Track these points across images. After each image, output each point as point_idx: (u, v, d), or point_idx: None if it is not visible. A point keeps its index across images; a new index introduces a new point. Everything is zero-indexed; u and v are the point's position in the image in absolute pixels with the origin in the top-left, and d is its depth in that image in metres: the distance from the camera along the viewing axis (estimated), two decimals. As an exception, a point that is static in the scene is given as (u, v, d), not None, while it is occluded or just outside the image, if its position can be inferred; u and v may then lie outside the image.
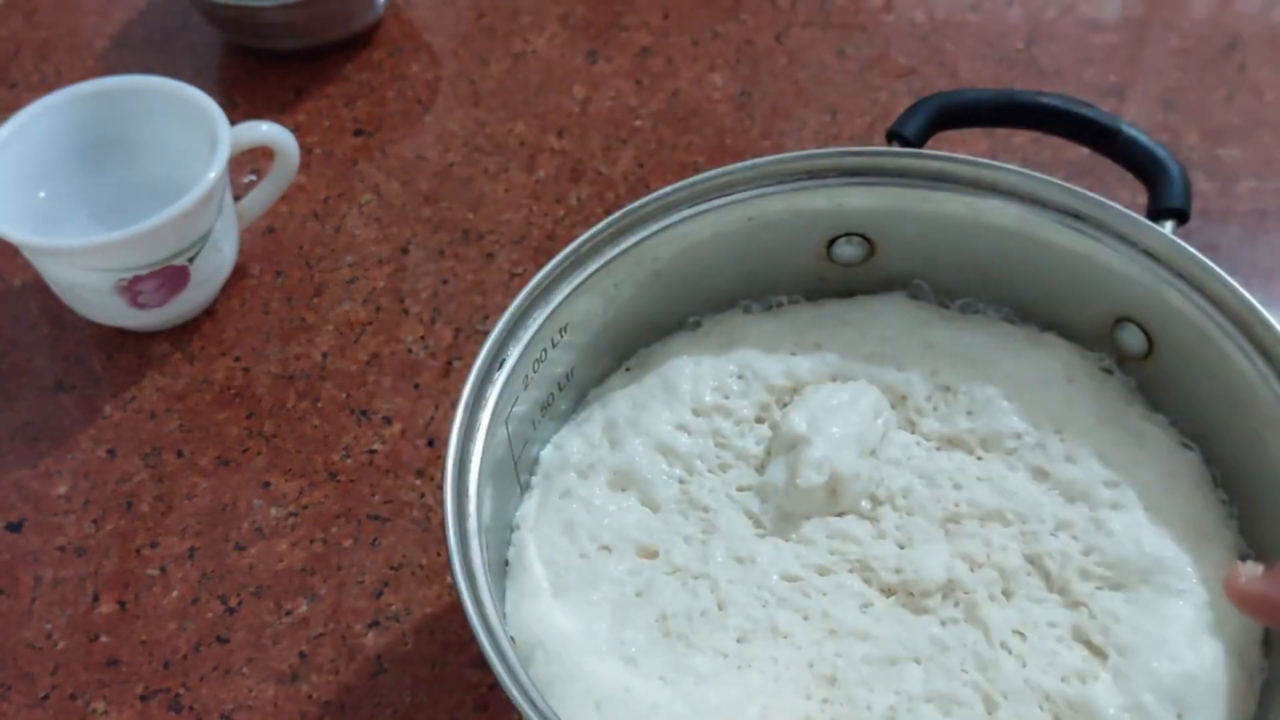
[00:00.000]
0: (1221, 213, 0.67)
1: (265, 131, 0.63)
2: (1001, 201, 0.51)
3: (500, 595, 0.45)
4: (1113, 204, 0.49)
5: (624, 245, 0.50)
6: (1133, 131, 0.54)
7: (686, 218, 0.51)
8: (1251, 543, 0.47)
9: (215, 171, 0.59)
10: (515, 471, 0.49)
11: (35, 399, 0.62)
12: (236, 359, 0.63)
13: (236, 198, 0.65)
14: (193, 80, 0.64)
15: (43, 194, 0.63)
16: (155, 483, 0.59)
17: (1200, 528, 0.47)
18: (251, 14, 0.73)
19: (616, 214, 0.50)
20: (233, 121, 0.61)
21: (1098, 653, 0.44)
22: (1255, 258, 0.65)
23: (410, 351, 0.63)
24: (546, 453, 0.51)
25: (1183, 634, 0.44)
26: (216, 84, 0.76)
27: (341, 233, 0.68)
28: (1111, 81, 0.74)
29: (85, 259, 0.59)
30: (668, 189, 0.50)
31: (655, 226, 0.50)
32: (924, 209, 0.52)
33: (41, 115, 0.63)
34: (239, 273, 0.66)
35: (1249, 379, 0.46)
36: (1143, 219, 0.49)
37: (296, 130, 0.66)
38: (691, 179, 0.51)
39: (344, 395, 0.62)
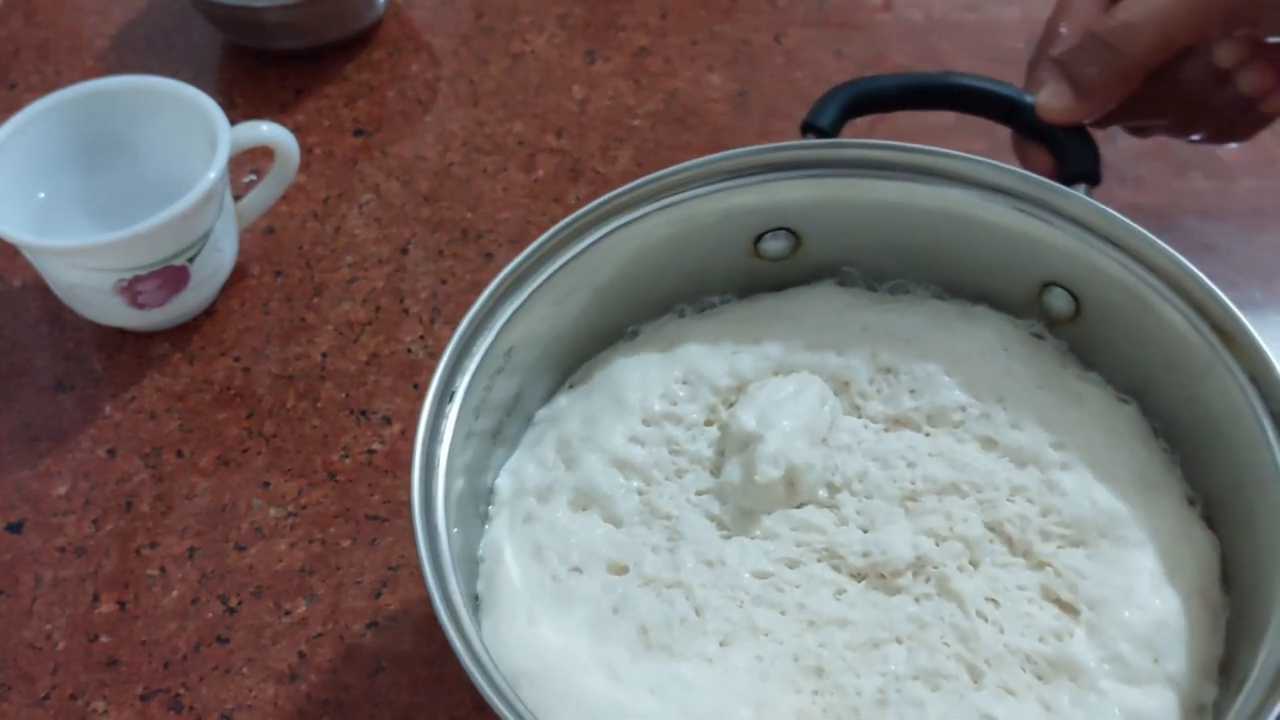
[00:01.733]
0: (1220, 212, 0.67)
1: (265, 131, 0.63)
2: (924, 183, 0.51)
3: (477, 628, 0.45)
4: (1031, 174, 0.50)
5: (562, 260, 0.50)
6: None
7: (621, 226, 0.51)
8: (1197, 489, 0.48)
9: (215, 171, 0.59)
10: (474, 503, 0.49)
11: (35, 399, 0.62)
12: (236, 359, 0.63)
13: (236, 198, 0.65)
14: (193, 80, 0.64)
15: (43, 194, 0.63)
16: (155, 483, 0.59)
17: (1147, 478, 0.48)
18: (251, 14, 0.73)
19: (549, 232, 0.50)
20: (233, 121, 0.62)
21: (1069, 610, 0.45)
22: (1253, 256, 0.66)
23: (410, 351, 0.63)
24: (502, 480, 0.51)
25: (1147, 583, 0.45)
26: (216, 84, 0.76)
27: (341, 233, 0.68)
28: (1110, 81, 0.74)
29: (85, 259, 0.59)
30: (600, 200, 0.51)
31: (591, 239, 0.51)
32: (847, 197, 0.53)
33: (41, 115, 0.63)
34: (239, 273, 0.66)
35: (1179, 330, 0.47)
36: (1059, 184, 0.50)
37: (296, 130, 0.67)
38: (621, 188, 0.51)
39: (344, 395, 0.62)
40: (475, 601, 0.48)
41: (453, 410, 0.46)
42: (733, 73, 0.75)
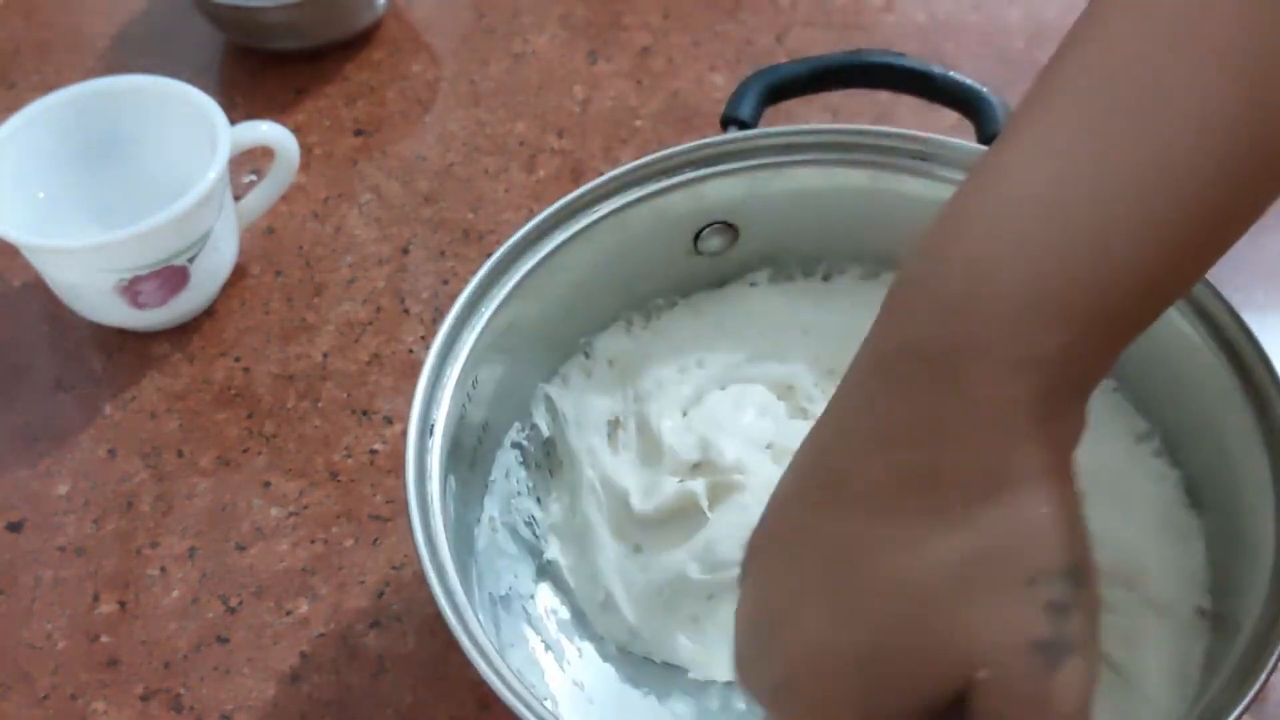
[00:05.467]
0: (1222, 212, 0.67)
1: (265, 131, 0.63)
2: (846, 164, 0.52)
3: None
4: (951, 139, 0.51)
5: (511, 283, 0.50)
6: (946, 72, 0.57)
7: (564, 243, 0.51)
8: (1155, 421, 0.50)
9: (215, 171, 0.59)
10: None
11: (35, 399, 0.62)
12: (236, 359, 0.63)
13: (236, 198, 0.65)
14: (193, 80, 0.64)
15: (43, 194, 0.63)
16: (155, 483, 0.59)
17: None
18: (252, 14, 0.73)
19: (496, 255, 0.50)
20: (233, 121, 0.61)
21: None
22: (1256, 259, 0.65)
23: (411, 351, 0.63)
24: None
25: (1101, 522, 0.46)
26: (216, 84, 0.76)
27: (341, 233, 0.68)
28: (1112, 81, 0.74)
29: (85, 259, 0.59)
30: (539, 218, 0.50)
31: (534, 259, 0.50)
32: (776, 185, 0.53)
33: (41, 115, 0.63)
34: (239, 273, 0.66)
35: None
36: (979, 146, 0.51)
37: (296, 130, 0.66)
38: (557, 204, 0.51)
39: (344, 395, 0.62)
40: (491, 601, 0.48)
41: (435, 445, 0.46)
42: (736, 73, 0.75)
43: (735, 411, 0.52)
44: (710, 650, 0.49)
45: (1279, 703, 0.50)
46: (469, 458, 0.49)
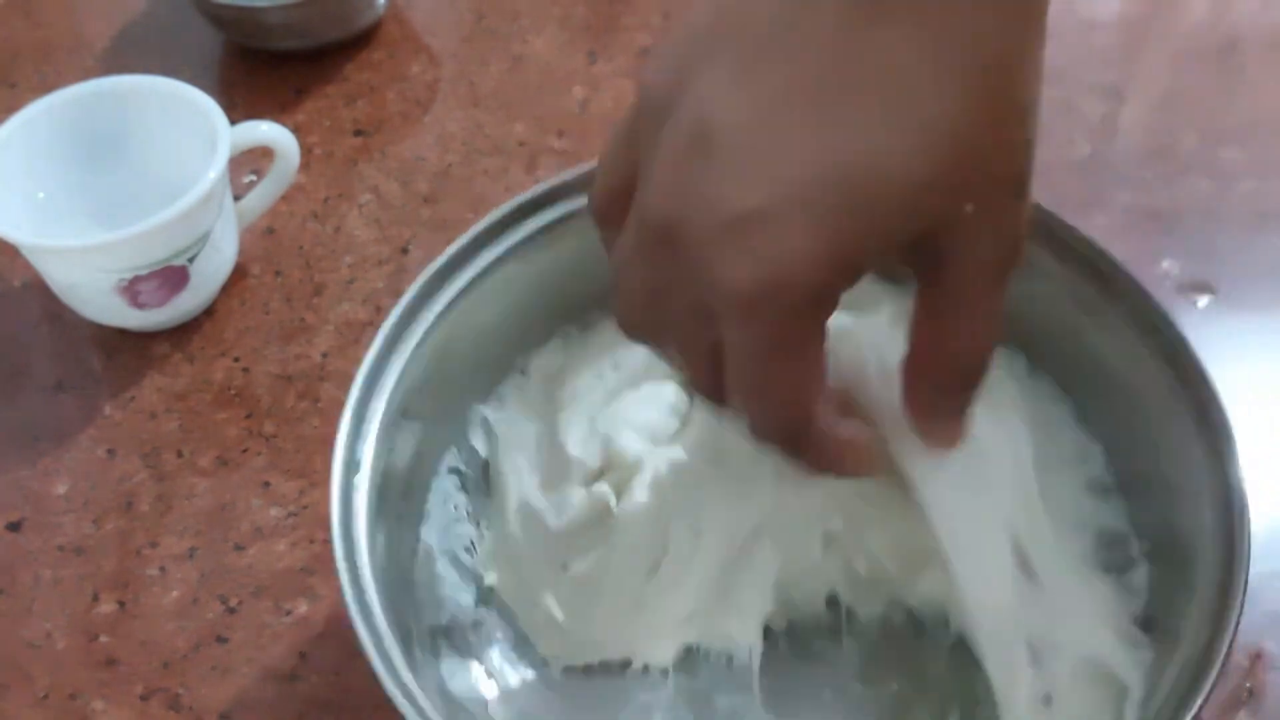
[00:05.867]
0: (1221, 214, 0.67)
1: (265, 131, 0.63)
2: None
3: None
4: None
5: (438, 308, 0.49)
6: None
7: (494, 261, 0.50)
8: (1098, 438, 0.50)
9: (215, 171, 0.59)
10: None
11: (35, 399, 0.62)
12: (236, 359, 0.63)
13: (236, 198, 0.65)
14: (193, 80, 0.64)
15: (42, 194, 0.63)
16: (155, 483, 0.59)
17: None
18: (251, 14, 0.73)
19: (425, 275, 0.49)
20: (233, 121, 0.61)
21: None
22: (1255, 259, 0.65)
23: (410, 351, 0.63)
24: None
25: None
26: (216, 84, 0.76)
27: (341, 233, 0.68)
28: (1111, 81, 0.74)
29: (85, 259, 0.59)
30: (466, 238, 0.50)
31: (465, 279, 0.50)
32: None
33: (41, 115, 0.63)
34: (239, 273, 0.66)
35: (1054, 276, 0.48)
36: None
37: (296, 130, 0.66)
38: (486, 220, 0.50)
39: (344, 395, 0.61)
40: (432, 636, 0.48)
41: (363, 482, 0.46)
42: (733, 73, 0.75)
43: (642, 408, 0.50)
44: (651, 630, 0.48)
45: (1278, 702, 0.50)
46: (400, 489, 0.48)
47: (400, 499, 0.49)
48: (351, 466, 0.46)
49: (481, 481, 0.53)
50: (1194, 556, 0.43)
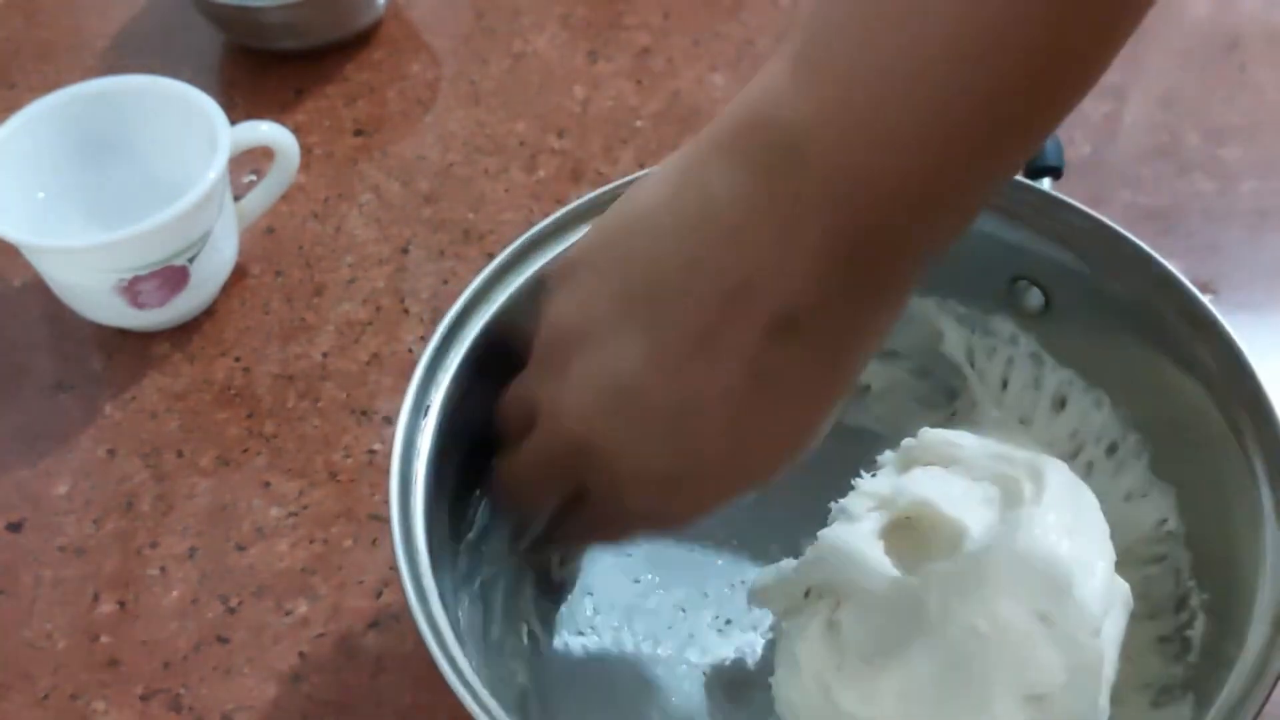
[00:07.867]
0: (1223, 213, 0.67)
1: (265, 131, 0.63)
2: None
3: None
4: None
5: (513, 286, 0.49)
6: None
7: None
8: (1168, 479, 0.49)
9: (215, 171, 0.59)
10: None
11: (35, 399, 0.62)
12: (236, 359, 0.63)
13: (236, 198, 0.65)
14: (193, 80, 0.64)
15: (42, 194, 0.63)
16: (155, 483, 0.59)
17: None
18: (252, 14, 0.73)
19: (500, 257, 0.49)
20: (233, 121, 0.61)
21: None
22: (1256, 258, 0.65)
23: (411, 351, 0.63)
24: None
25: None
26: (216, 84, 0.76)
27: (341, 233, 0.68)
28: (1111, 81, 0.73)
29: (85, 259, 0.59)
30: (541, 225, 0.50)
31: (538, 263, 0.50)
32: None
33: (41, 115, 0.62)
34: (239, 273, 0.66)
35: (1148, 319, 0.48)
36: (1024, 180, 0.51)
37: (296, 130, 0.66)
38: (561, 211, 0.51)
39: (344, 395, 0.62)
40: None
41: (429, 425, 0.46)
42: (736, 73, 0.75)
43: None
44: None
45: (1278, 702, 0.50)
46: (469, 440, 0.48)
47: (465, 452, 0.49)
48: (420, 409, 0.46)
49: None
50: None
